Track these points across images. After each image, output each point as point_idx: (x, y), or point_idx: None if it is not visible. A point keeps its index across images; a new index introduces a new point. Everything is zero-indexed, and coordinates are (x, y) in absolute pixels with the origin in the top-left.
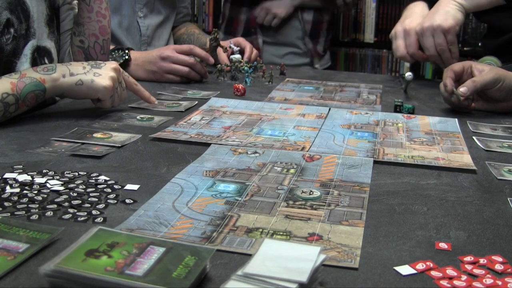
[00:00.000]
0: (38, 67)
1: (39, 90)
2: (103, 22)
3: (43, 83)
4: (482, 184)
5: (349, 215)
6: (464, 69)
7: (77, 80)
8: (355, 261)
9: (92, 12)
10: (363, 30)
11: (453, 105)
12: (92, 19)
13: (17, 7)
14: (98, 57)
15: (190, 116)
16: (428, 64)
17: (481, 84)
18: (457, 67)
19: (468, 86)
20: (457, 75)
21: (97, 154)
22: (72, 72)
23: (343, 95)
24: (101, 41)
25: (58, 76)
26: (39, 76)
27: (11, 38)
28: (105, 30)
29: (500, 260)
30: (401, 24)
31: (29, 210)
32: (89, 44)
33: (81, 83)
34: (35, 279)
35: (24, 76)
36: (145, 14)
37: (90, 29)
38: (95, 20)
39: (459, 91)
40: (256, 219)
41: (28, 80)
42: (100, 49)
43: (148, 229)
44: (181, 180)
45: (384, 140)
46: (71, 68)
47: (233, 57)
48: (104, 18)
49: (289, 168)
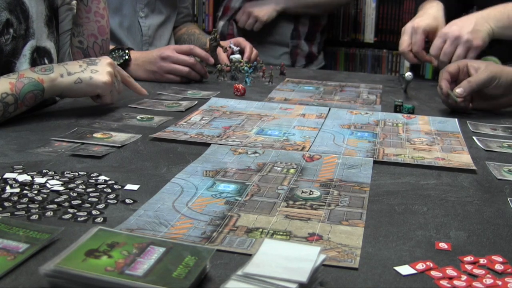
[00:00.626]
0: (35, 68)
1: (38, 90)
2: (102, 22)
3: (41, 83)
4: (482, 184)
5: (349, 215)
6: (459, 69)
7: (75, 78)
8: (355, 261)
9: (90, 12)
10: (363, 30)
11: (451, 106)
12: (90, 19)
13: (16, 7)
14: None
15: (190, 116)
16: (428, 64)
17: (476, 84)
18: (452, 68)
19: (464, 87)
20: (453, 76)
21: (97, 154)
22: (70, 71)
23: (343, 95)
24: (100, 41)
25: (56, 76)
26: (37, 76)
27: (10, 38)
28: (103, 30)
29: (500, 260)
30: (411, 21)
31: (29, 210)
32: (88, 44)
33: (80, 81)
34: (35, 279)
35: (22, 76)
36: (146, 14)
37: (89, 30)
38: (94, 21)
39: (456, 92)
40: (256, 219)
41: (27, 80)
42: (99, 49)
43: (148, 229)
44: (181, 180)
45: (384, 140)
46: (68, 67)
47: (233, 57)
48: (103, 18)
49: (289, 168)
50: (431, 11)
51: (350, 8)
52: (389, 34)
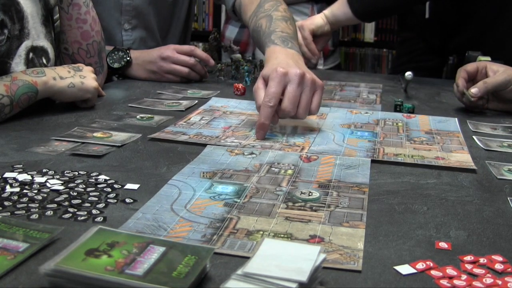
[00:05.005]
0: (27, 70)
1: (32, 92)
2: (84, 27)
3: (35, 85)
4: (482, 183)
5: (349, 217)
6: (478, 70)
7: (68, 83)
8: (358, 264)
9: (72, 19)
10: (363, 29)
11: (467, 105)
12: (72, 26)
13: (10, 7)
14: (85, 61)
15: (189, 116)
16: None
17: (492, 85)
18: (471, 67)
19: (479, 87)
20: (470, 75)
21: (97, 154)
22: (62, 76)
23: (343, 94)
24: (85, 46)
25: (48, 78)
26: (31, 79)
27: (4, 39)
28: (87, 35)
29: (500, 260)
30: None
31: (29, 210)
32: (73, 51)
33: (73, 86)
34: (35, 279)
35: (15, 79)
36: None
37: (72, 37)
38: (76, 27)
39: (470, 92)
40: (256, 221)
41: (21, 83)
42: (85, 54)
43: (147, 233)
44: (179, 182)
45: (384, 139)
46: (58, 72)
47: (233, 56)
48: (85, 23)
49: (286, 169)
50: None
51: None
52: (389, 34)
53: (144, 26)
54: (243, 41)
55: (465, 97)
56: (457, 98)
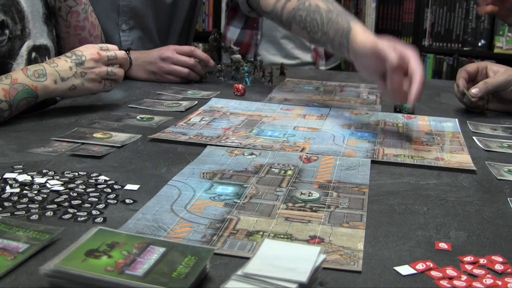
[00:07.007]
0: (28, 70)
1: (31, 97)
2: (82, 34)
3: (35, 90)
4: (482, 184)
5: (349, 217)
6: (478, 70)
7: (69, 85)
8: (358, 264)
9: (70, 27)
10: None
11: (467, 105)
12: (70, 34)
13: (11, 8)
14: None
15: (190, 116)
16: (428, 64)
17: (492, 86)
18: (471, 67)
19: (480, 88)
20: (471, 75)
21: (97, 154)
22: (63, 77)
23: (343, 95)
24: None
25: (50, 82)
26: (31, 84)
27: (6, 39)
28: (85, 41)
29: (500, 260)
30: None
31: (29, 210)
32: None
33: (74, 88)
34: (35, 279)
35: (15, 82)
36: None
37: (70, 43)
38: (74, 35)
39: (471, 92)
40: (256, 221)
41: (21, 87)
42: None
43: (147, 233)
44: (178, 183)
45: (384, 140)
46: (59, 70)
47: (233, 57)
48: (83, 30)
49: (286, 170)
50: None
51: (350, 8)
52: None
53: (141, 27)
54: (244, 42)
55: (465, 97)
56: (457, 98)
